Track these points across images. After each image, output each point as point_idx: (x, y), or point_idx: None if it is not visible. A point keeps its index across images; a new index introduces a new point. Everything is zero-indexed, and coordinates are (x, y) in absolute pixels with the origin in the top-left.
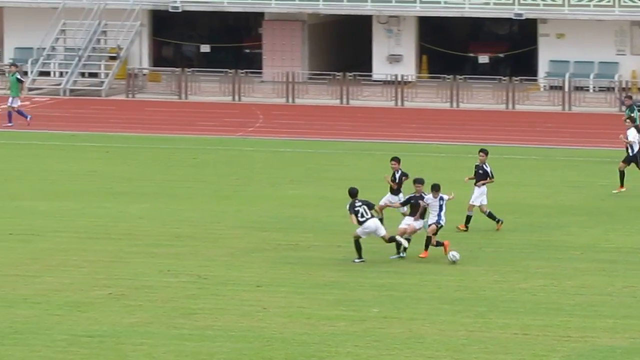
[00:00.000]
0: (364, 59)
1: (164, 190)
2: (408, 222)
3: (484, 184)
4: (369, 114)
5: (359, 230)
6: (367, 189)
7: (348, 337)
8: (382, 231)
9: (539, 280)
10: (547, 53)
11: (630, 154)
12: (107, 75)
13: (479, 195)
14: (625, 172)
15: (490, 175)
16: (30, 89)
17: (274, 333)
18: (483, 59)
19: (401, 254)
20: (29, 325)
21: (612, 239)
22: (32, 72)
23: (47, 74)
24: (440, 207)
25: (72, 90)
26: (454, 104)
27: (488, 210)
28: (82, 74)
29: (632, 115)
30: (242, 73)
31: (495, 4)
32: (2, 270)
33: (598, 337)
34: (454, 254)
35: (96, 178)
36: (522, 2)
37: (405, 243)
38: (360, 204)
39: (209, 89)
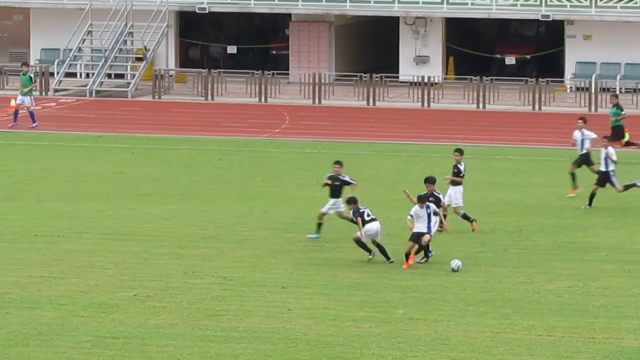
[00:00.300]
0: (390, 60)
1: (189, 192)
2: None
3: (451, 180)
4: (395, 116)
5: (360, 232)
6: (393, 190)
7: (373, 338)
8: (379, 237)
9: (564, 281)
10: (573, 54)
11: (581, 153)
12: (133, 76)
13: (459, 196)
14: (576, 173)
15: (461, 173)
16: (56, 90)
17: (299, 334)
18: (510, 60)
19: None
20: (54, 326)
21: (638, 240)
22: (58, 73)
23: (74, 75)
24: (429, 216)
25: (98, 92)
26: (481, 106)
27: (462, 212)
28: (109, 75)
29: (623, 113)
30: (268, 74)
31: (522, 5)
32: (27, 272)
33: (623, 339)
34: (457, 263)
35: (122, 179)
36: (549, 3)
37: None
38: (364, 207)
39: (236, 90)
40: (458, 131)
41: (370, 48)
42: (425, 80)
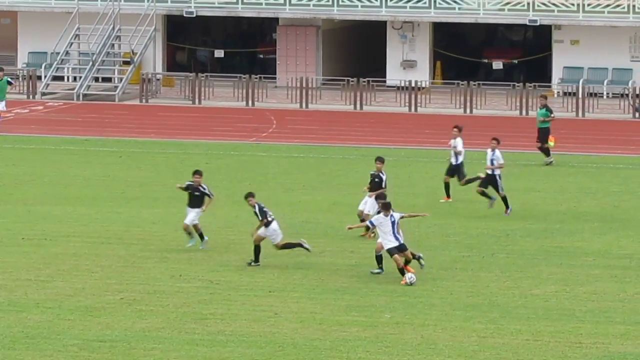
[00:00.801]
0: (378, 64)
1: (177, 195)
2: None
3: (375, 194)
4: (382, 120)
5: (262, 231)
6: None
7: (360, 342)
8: (279, 238)
9: (551, 286)
10: (561, 59)
11: (454, 164)
12: (121, 80)
13: (373, 204)
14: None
15: (384, 184)
16: (43, 94)
17: (286, 338)
18: (497, 65)
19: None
20: (41, 329)
21: (625, 245)
22: (45, 76)
23: (61, 78)
24: (393, 224)
25: (85, 95)
26: (468, 110)
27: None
28: (96, 79)
29: (552, 116)
30: (256, 78)
31: (509, 10)
32: (15, 275)
33: (610, 344)
34: (411, 277)
35: (109, 183)
36: (536, 8)
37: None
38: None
39: (223, 94)
40: (445, 136)
41: (358, 52)
42: (413, 84)
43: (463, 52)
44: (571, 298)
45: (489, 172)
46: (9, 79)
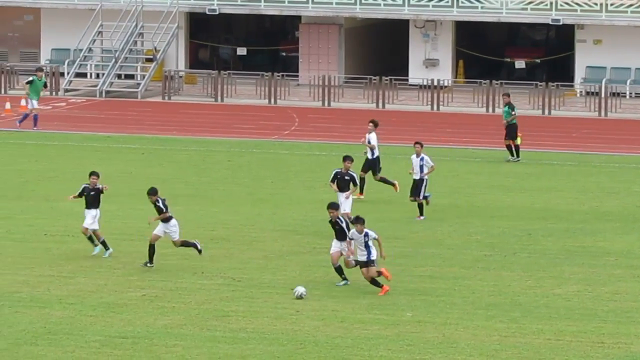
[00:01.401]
0: (400, 63)
1: (199, 193)
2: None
3: (350, 193)
4: (404, 118)
5: (159, 229)
6: (403, 193)
7: (381, 340)
8: (177, 235)
9: (573, 286)
10: (583, 59)
11: (370, 159)
12: (143, 77)
13: (347, 203)
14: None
15: (355, 182)
16: (66, 90)
17: (307, 336)
18: (520, 64)
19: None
20: (63, 325)
21: None
22: (68, 73)
23: (84, 75)
24: (366, 243)
25: (108, 92)
26: (490, 109)
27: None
28: (119, 76)
29: (513, 113)
30: (278, 76)
31: (532, 9)
32: (37, 271)
33: (632, 344)
34: (299, 291)
35: (131, 180)
36: (559, 7)
37: (199, 245)
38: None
39: (245, 92)
40: (467, 134)
41: (380, 51)
42: (435, 83)
43: (485, 51)
44: (593, 298)
45: (416, 177)
46: (46, 82)
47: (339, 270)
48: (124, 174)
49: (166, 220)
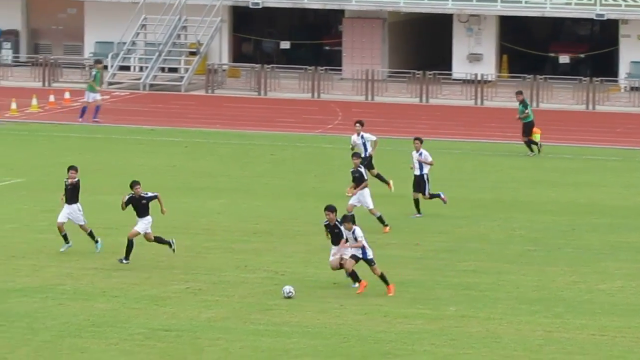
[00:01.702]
0: (443, 57)
1: (242, 186)
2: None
3: (361, 189)
4: (448, 113)
5: (141, 225)
6: (444, 188)
7: (425, 335)
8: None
9: (617, 281)
10: (628, 54)
11: (364, 156)
12: (186, 70)
13: (362, 197)
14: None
15: (364, 177)
16: (110, 83)
17: (351, 330)
18: (564, 59)
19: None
20: (107, 318)
21: None
22: (112, 66)
23: (127, 68)
24: (356, 240)
25: (151, 85)
26: (534, 104)
27: (378, 214)
28: (162, 69)
29: (527, 111)
30: (321, 70)
31: (576, 4)
32: (81, 264)
33: None
34: (288, 290)
35: (175, 173)
36: (603, 2)
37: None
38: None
39: (289, 86)
40: (511, 130)
41: (423, 45)
42: (479, 78)
43: (529, 46)
44: (637, 293)
45: (417, 173)
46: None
47: (353, 275)
48: (168, 167)
49: (144, 215)
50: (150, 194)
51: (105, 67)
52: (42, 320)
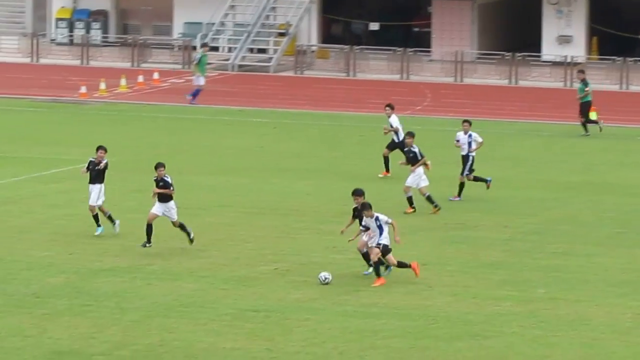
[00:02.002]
0: (533, 39)
1: (330, 167)
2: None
3: (417, 167)
4: (537, 95)
5: (158, 208)
6: (533, 170)
7: (513, 317)
8: (175, 216)
9: None
10: None
11: (396, 141)
12: (275, 51)
13: (416, 178)
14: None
15: (420, 156)
16: None
17: (439, 311)
18: None
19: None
20: (195, 298)
21: None
22: (200, 47)
23: (216, 49)
24: (380, 227)
25: (240, 66)
26: (624, 86)
27: (427, 194)
28: (251, 50)
29: (587, 89)
30: (410, 51)
31: None
32: (170, 244)
33: None
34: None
35: (263, 154)
36: None
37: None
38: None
39: (377, 67)
40: (600, 112)
41: (513, 27)
42: (568, 60)
43: (620, 28)
44: None
45: (463, 153)
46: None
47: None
48: (256, 148)
49: (165, 200)
50: (170, 180)
51: (212, 49)
52: (131, 300)
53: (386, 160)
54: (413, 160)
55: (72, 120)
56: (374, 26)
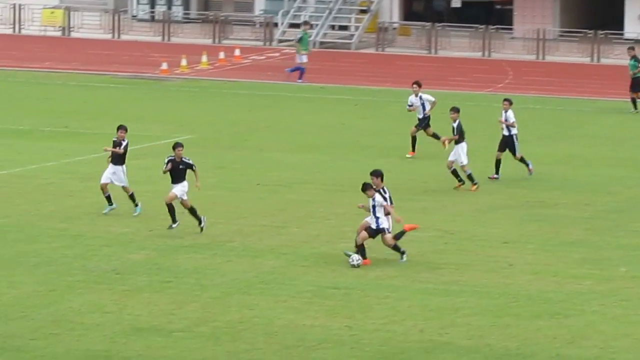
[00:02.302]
0: (615, 17)
1: (410, 145)
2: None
3: (450, 140)
4: (619, 73)
5: (179, 189)
6: (613, 148)
7: (594, 295)
8: (184, 196)
9: None
10: None
11: (421, 117)
12: (357, 28)
13: (459, 153)
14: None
15: (456, 131)
16: (280, 41)
17: (520, 290)
18: None
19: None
20: (275, 275)
21: None
22: (282, 23)
23: (298, 25)
24: (374, 208)
25: (321, 43)
26: None
27: (469, 171)
28: (332, 27)
29: (639, 65)
30: (492, 29)
31: None
32: (250, 220)
33: None
34: (355, 258)
35: (344, 131)
36: None
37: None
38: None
39: (459, 45)
40: None
41: (595, 4)
42: None
43: None
44: None
45: (506, 133)
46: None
47: (396, 247)
48: (337, 125)
49: (180, 181)
50: (189, 161)
51: (293, 26)
52: (210, 277)
53: (414, 139)
54: (458, 132)
55: (153, 96)
56: (456, 3)
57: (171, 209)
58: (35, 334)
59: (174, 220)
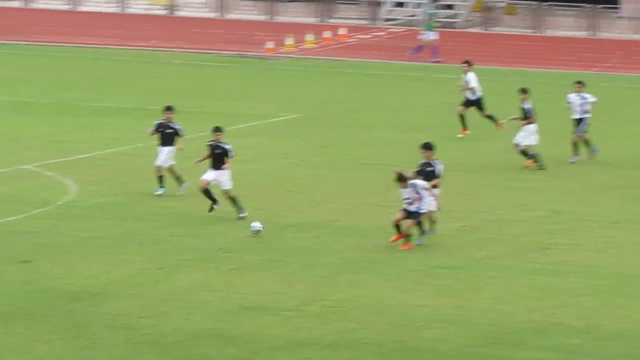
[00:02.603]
0: None
1: (517, 124)
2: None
3: (526, 124)
4: None
5: (212, 175)
6: None
7: None
8: (227, 185)
9: None
10: None
11: (472, 98)
12: (463, 7)
13: (528, 135)
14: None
15: (528, 113)
16: (386, 20)
17: (630, 270)
18: None
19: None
20: (383, 254)
21: None
22: (388, 2)
23: (402, 5)
24: (420, 193)
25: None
26: None
27: (521, 148)
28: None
29: None
30: (599, 8)
31: None
32: (356, 200)
33: None
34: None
35: (450, 110)
36: None
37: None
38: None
39: (565, 24)
40: None
41: None
42: None
43: None
44: None
45: (576, 116)
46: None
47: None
48: (443, 104)
49: (219, 166)
50: (227, 146)
51: (399, 5)
52: (318, 256)
53: (462, 118)
54: (526, 116)
55: (258, 75)
56: None
57: (207, 193)
58: (144, 312)
59: (215, 202)
